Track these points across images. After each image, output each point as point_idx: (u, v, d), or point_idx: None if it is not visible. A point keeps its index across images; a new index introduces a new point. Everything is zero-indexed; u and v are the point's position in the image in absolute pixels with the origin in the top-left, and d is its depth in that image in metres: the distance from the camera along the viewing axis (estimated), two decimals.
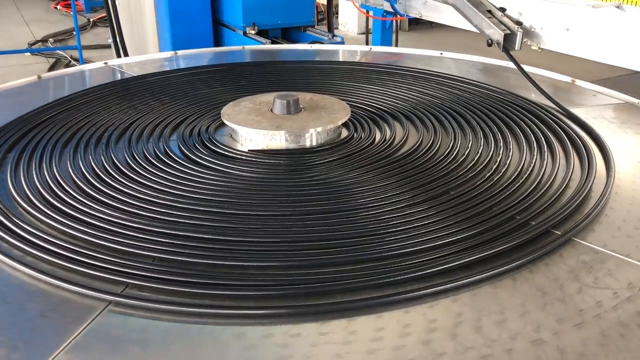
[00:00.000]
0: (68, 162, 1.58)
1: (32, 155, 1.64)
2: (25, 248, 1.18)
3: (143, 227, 1.24)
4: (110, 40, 4.51)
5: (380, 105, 2.09)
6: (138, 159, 1.62)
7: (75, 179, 1.49)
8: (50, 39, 8.00)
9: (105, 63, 2.62)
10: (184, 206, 1.34)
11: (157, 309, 1.01)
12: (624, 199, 1.39)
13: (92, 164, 1.58)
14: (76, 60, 6.82)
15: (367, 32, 4.95)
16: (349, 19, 8.67)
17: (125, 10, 4.43)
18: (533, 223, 1.26)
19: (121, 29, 4.23)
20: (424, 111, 1.99)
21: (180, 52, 2.81)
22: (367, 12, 3.71)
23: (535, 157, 1.60)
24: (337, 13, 9.08)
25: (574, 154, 1.63)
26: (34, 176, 1.50)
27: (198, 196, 1.40)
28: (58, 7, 10.33)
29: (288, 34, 4.35)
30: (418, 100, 2.13)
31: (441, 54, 2.80)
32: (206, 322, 0.98)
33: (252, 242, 1.20)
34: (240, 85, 2.29)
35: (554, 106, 2.01)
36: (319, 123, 1.78)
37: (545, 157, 1.60)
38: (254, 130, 1.74)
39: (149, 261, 1.14)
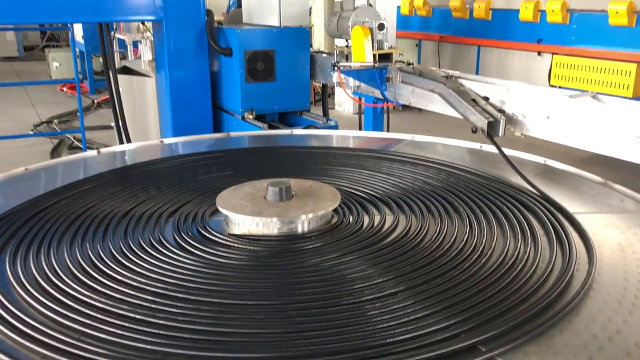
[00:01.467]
0: (65, 250, 1.65)
1: (31, 243, 1.71)
2: (15, 337, 1.23)
3: (127, 314, 1.29)
4: (113, 124, 4.69)
5: (370, 190, 2.17)
6: (133, 247, 1.68)
7: (71, 266, 1.55)
8: (55, 120, 8.24)
9: (98, 151, 2.72)
10: (173, 294, 1.39)
11: None
12: (605, 287, 1.45)
13: (89, 252, 1.64)
14: (79, 141, 7.02)
15: (360, 112, 5.17)
16: (344, 99, 8.98)
17: (128, 95, 4.63)
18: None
19: (124, 113, 4.40)
20: (412, 197, 2.07)
21: (181, 139, 2.93)
22: (360, 98, 3.89)
23: (519, 244, 1.65)
24: (333, 94, 9.41)
25: (556, 242, 1.68)
26: (31, 264, 1.57)
27: (187, 284, 1.45)
28: (64, 89, 10.68)
29: (285, 118, 4.52)
30: (407, 185, 2.21)
31: (418, 137, 2.91)
32: None
33: (235, 333, 1.24)
34: (238, 171, 2.38)
35: (534, 190, 2.09)
36: (309, 210, 1.85)
37: (528, 244, 1.66)
38: (246, 217, 1.81)
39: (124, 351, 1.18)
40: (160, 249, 1.69)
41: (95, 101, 9.53)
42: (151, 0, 4.00)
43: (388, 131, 4.16)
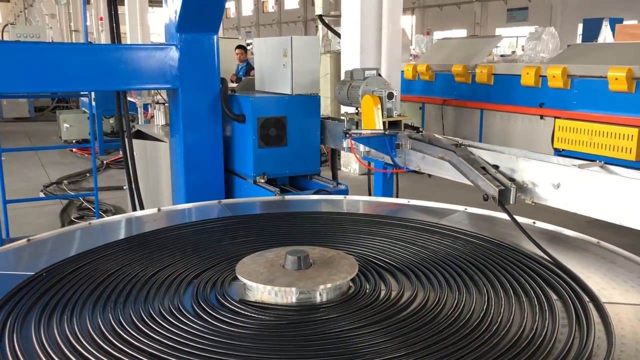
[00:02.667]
0: (87, 318, 1.69)
1: (53, 310, 1.75)
2: None
3: None
4: (125, 187, 4.76)
5: (386, 258, 2.20)
6: (153, 315, 1.71)
7: (92, 333, 1.60)
8: (65, 181, 8.36)
9: (101, 215, 2.78)
10: None
11: None
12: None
13: (111, 319, 1.68)
14: (88, 202, 7.10)
15: (369, 174, 5.26)
16: (351, 160, 9.10)
17: (142, 159, 4.73)
18: None
19: (137, 178, 4.49)
20: (429, 266, 2.10)
21: (197, 204, 2.97)
22: (369, 164, 3.97)
23: (537, 317, 1.67)
24: (339, 156, 9.55)
25: (574, 314, 1.70)
26: (54, 330, 1.62)
27: (204, 354, 1.48)
28: (73, 150, 10.87)
29: (295, 181, 4.61)
30: (422, 253, 2.24)
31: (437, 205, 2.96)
32: None
33: None
34: (254, 237, 2.42)
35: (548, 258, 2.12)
36: (328, 280, 1.88)
37: (546, 317, 1.67)
38: (265, 286, 1.84)
39: None
40: (179, 316, 1.72)
41: (105, 162, 9.68)
42: (168, 69, 4.16)
43: (397, 196, 4.23)
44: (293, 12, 42.64)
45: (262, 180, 4.29)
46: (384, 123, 3.67)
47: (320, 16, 8.99)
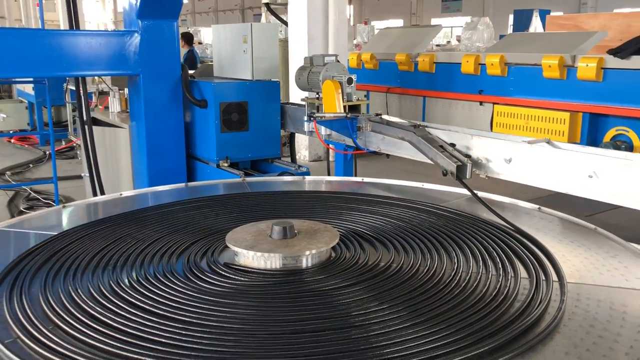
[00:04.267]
0: (88, 280, 1.84)
1: (57, 273, 1.89)
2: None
3: (136, 333, 1.50)
4: (85, 175, 4.75)
5: (364, 229, 2.39)
6: (149, 278, 1.86)
7: (94, 292, 1.75)
8: (7, 172, 8.11)
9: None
10: (179, 317, 1.58)
11: None
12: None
13: (110, 281, 1.83)
14: (36, 192, 6.96)
15: (327, 159, 5.48)
16: (301, 147, 9.28)
17: (100, 147, 4.73)
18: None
19: (98, 164, 4.50)
20: (403, 235, 2.28)
21: (166, 187, 3.08)
22: (330, 145, 4.17)
23: (501, 278, 1.88)
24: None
25: (533, 272, 1.94)
26: (58, 290, 1.76)
27: (191, 309, 1.63)
28: (12, 140, 10.50)
29: (257, 165, 4.74)
30: (395, 224, 2.44)
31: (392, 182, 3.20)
32: None
33: (233, 352, 1.42)
34: (236, 214, 2.56)
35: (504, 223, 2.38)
36: (311, 247, 2.04)
37: (509, 276, 1.91)
38: (252, 252, 1.98)
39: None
40: (171, 278, 1.87)
41: (47, 152, 9.42)
42: (129, 55, 4.19)
43: (356, 176, 4.45)
44: (230, 0, 42.17)
45: (226, 164, 4.41)
46: (344, 107, 3.86)
47: (267, 4, 9.09)
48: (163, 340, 1.46)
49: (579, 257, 2.08)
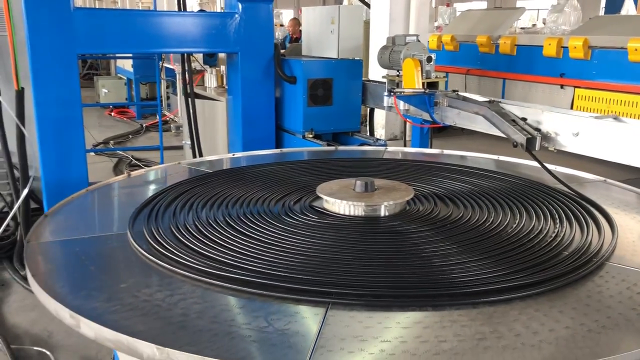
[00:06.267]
0: (205, 214, 2.32)
1: (181, 208, 2.37)
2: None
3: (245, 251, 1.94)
4: (185, 142, 5.31)
5: (437, 190, 2.73)
6: (254, 215, 2.32)
7: (210, 221, 2.22)
8: (111, 142, 8.96)
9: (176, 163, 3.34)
10: (279, 244, 2.02)
11: None
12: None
13: (223, 215, 2.28)
14: (138, 159, 7.69)
15: (396, 138, 5.76)
16: (378, 126, 9.56)
17: (199, 117, 5.27)
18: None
19: (199, 132, 5.04)
20: (473, 196, 2.60)
21: (273, 151, 3.53)
22: (408, 120, 4.48)
23: (557, 226, 2.19)
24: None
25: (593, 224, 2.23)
26: (182, 219, 2.23)
27: (292, 239, 2.06)
28: (112, 114, 11.45)
29: (338, 138, 5.14)
30: (466, 188, 2.74)
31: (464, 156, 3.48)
32: None
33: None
34: (325, 175, 2.95)
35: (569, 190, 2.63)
36: (390, 198, 2.41)
37: (558, 226, 2.20)
38: (339, 201, 2.37)
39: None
40: (271, 215, 2.33)
41: (144, 125, 10.24)
42: (230, 35, 4.67)
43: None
44: None
45: (310, 136, 4.83)
46: (422, 83, 4.16)
47: None
48: (264, 259, 1.88)
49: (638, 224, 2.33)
